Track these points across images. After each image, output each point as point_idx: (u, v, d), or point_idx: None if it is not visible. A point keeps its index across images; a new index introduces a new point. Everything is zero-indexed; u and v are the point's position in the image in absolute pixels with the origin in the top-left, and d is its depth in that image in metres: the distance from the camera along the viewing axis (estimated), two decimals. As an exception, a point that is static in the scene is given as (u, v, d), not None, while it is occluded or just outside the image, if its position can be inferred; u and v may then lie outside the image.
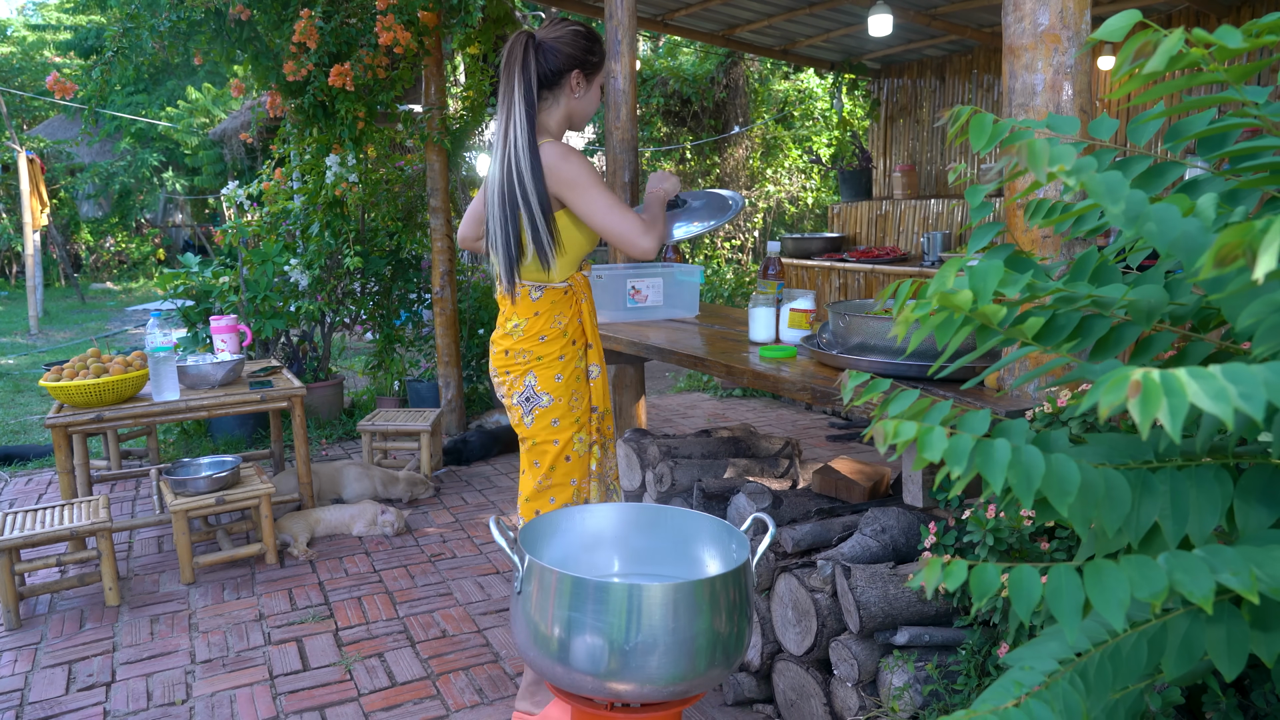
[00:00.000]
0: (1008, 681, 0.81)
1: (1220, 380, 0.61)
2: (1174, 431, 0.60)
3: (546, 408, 2.20)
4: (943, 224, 6.12)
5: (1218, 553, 0.72)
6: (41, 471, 4.74)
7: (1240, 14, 5.03)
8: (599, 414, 2.31)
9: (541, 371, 2.19)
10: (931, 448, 0.78)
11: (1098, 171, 0.83)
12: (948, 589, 0.78)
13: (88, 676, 2.62)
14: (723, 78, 9.25)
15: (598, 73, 2.14)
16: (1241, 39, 0.80)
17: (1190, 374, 0.61)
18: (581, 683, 1.46)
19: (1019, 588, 0.76)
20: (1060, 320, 0.93)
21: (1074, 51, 1.81)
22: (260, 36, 4.42)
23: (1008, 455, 0.77)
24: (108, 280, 15.10)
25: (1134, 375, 0.62)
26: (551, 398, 2.19)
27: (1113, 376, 0.63)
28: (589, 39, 2.11)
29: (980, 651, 1.83)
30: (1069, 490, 0.77)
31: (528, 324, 2.18)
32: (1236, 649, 0.79)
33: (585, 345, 2.27)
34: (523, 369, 2.19)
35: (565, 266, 2.17)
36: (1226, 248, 0.65)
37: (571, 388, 2.21)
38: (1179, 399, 0.60)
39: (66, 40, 18.11)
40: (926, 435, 0.79)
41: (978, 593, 0.78)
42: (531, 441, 2.24)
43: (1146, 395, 0.61)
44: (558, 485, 2.24)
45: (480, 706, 2.42)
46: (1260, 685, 1.30)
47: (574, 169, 2.05)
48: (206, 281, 4.97)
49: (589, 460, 2.29)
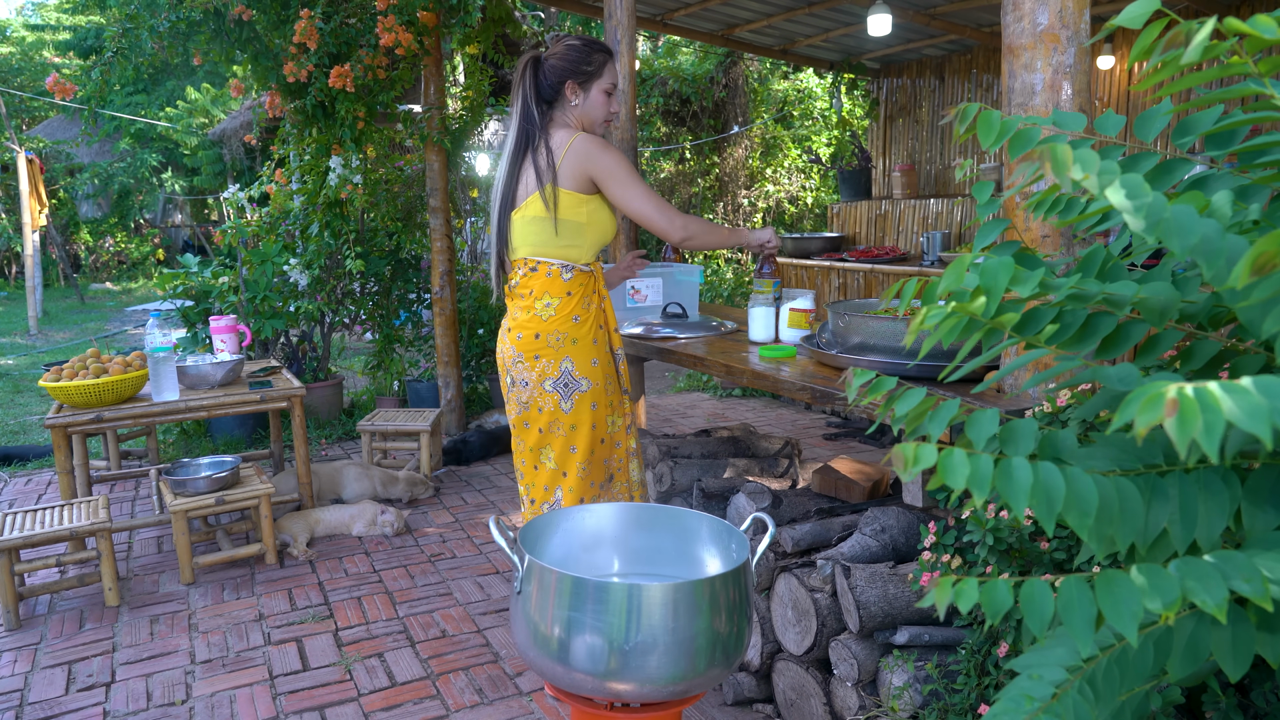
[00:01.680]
0: (1017, 694, 0.80)
1: (1256, 396, 0.60)
2: (1211, 451, 0.58)
3: (586, 392, 2.29)
4: (942, 223, 6.12)
5: (1229, 559, 0.71)
6: (41, 472, 4.74)
7: (1240, 13, 5.03)
8: (627, 396, 2.43)
9: (578, 356, 2.28)
10: (953, 475, 0.76)
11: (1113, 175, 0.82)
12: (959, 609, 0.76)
13: (87, 677, 2.61)
14: (722, 77, 9.24)
15: (593, 80, 2.30)
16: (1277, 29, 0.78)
17: (1224, 389, 0.60)
18: (581, 683, 1.45)
19: (1031, 604, 0.75)
20: (1067, 318, 0.93)
21: (1073, 51, 1.81)
22: (260, 37, 4.42)
23: (1029, 479, 0.76)
24: (107, 280, 15.10)
25: (1169, 393, 0.60)
26: (591, 382, 2.30)
27: (1147, 393, 0.61)
28: (581, 52, 2.28)
29: (980, 651, 1.83)
30: (1088, 511, 0.76)
31: (560, 303, 2.27)
32: (1242, 651, 0.78)
33: (611, 329, 2.39)
34: (556, 353, 2.26)
35: (589, 247, 2.31)
36: (1264, 256, 0.64)
37: (606, 371, 2.33)
38: (1215, 416, 0.59)
39: (66, 40, 18.10)
40: (947, 463, 0.77)
41: (990, 611, 0.76)
42: (570, 426, 2.30)
43: (1183, 415, 0.59)
44: (582, 469, 2.33)
45: (480, 706, 2.42)
46: (1260, 685, 1.30)
47: (610, 161, 2.24)
48: (206, 282, 4.97)
49: (629, 440, 2.44)
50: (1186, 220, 0.77)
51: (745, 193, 9.67)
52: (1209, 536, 0.79)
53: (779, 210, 9.89)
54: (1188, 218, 0.77)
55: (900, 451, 0.78)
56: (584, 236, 2.29)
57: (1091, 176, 0.80)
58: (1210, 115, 0.93)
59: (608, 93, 2.32)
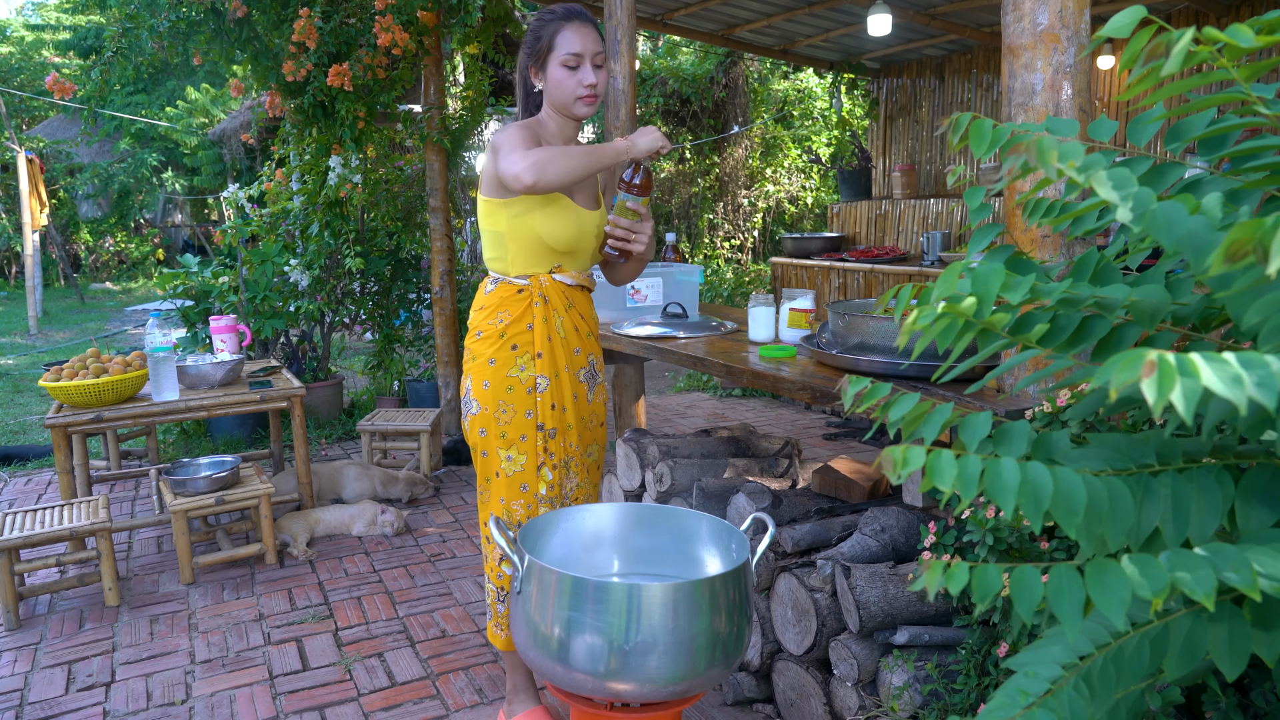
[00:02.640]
0: (1012, 689, 0.81)
1: (1235, 366, 0.60)
2: (1187, 414, 0.59)
3: (475, 415, 2.06)
4: (942, 223, 6.12)
5: (1219, 551, 0.72)
6: (41, 472, 4.74)
7: (1239, 13, 5.03)
8: (546, 432, 2.06)
9: (475, 375, 2.06)
10: (941, 476, 0.77)
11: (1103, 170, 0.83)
12: (950, 592, 0.78)
13: (87, 677, 2.62)
14: (722, 77, 9.24)
15: (547, 57, 2.00)
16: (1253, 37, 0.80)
17: (1204, 358, 0.61)
18: (581, 682, 1.46)
19: (1020, 588, 0.76)
20: (1061, 321, 0.93)
21: (1073, 51, 1.81)
22: (259, 36, 4.42)
23: (1016, 479, 0.77)
24: (107, 280, 15.10)
25: (1149, 355, 0.61)
26: (479, 405, 2.05)
27: (1126, 356, 0.62)
28: (531, 31, 2.04)
29: (980, 651, 1.83)
30: (1076, 510, 0.77)
31: (473, 317, 2.11)
32: (1238, 649, 0.78)
33: (533, 355, 2.05)
34: (467, 368, 2.09)
35: (517, 258, 2.04)
36: (1237, 244, 0.65)
37: (499, 398, 2.03)
38: (1193, 381, 0.60)
39: (65, 40, 18.10)
40: (935, 464, 0.78)
41: (979, 594, 0.78)
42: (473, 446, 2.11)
43: (1161, 375, 0.60)
44: (492, 499, 2.08)
45: (480, 706, 2.42)
46: (1260, 684, 1.30)
47: (499, 137, 1.94)
48: (206, 281, 4.97)
49: (535, 483, 2.06)
50: (1173, 213, 0.78)
51: (745, 193, 9.67)
52: (1202, 535, 0.80)
53: (779, 210, 9.89)
54: (1174, 211, 0.78)
55: (890, 454, 0.79)
56: (505, 247, 2.03)
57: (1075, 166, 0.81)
58: (1202, 120, 0.94)
59: (568, 66, 1.98)
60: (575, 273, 2.11)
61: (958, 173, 1.10)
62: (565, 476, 2.12)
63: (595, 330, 2.21)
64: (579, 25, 1.99)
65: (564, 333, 2.08)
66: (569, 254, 2.08)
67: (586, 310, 2.17)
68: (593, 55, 1.99)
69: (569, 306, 2.10)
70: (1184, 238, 0.77)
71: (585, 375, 2.15)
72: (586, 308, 2.17)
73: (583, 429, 2.15)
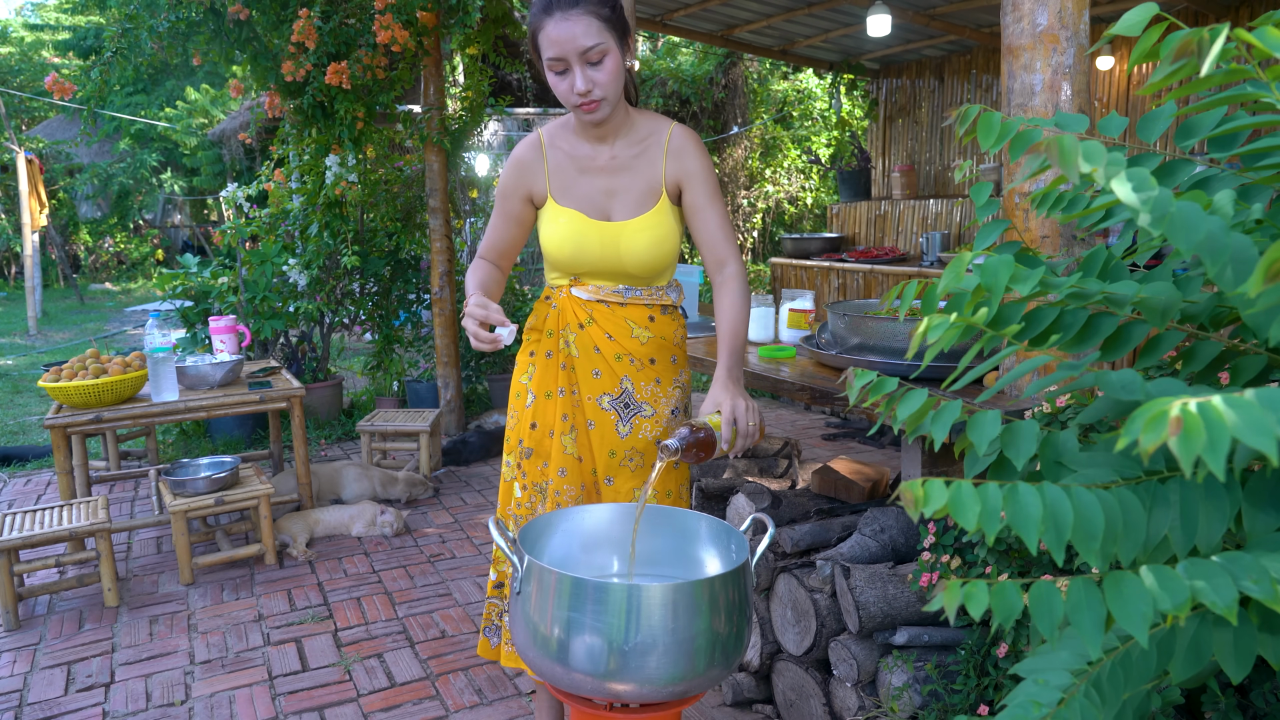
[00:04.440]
0: (1024, 699, 0.80)
1: (1259, 409, 0.59)
2: (1218, 469, 0.58)
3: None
4: (941, 224, 6.12)
5: (1236, 560, 0.71)
6: (40, 472, 4.74)
7: (1239, 14, 5.03)
8: (522, 450, 1.91)
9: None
10: (964, 514, 0.75)
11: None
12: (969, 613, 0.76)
13: (87, 677, 2.61)
14: (721, 78, 9.25)
15: (540, 62, 1.72)
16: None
17: (1228, 403, 0.60)
18: (581, 683, 1.45)
19: (1040, 605, 0.74)
20: (1068, 319, 0.92)
21: (1073, 52, 1.81)
22: (259, 36, 4.42)
23: (1039, 510, 0.75)
24: (106, 281, 15.10)
25: (1172, 412, 0.60)
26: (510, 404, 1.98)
27: (1150, 412, 0.61)
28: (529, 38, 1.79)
29: (979, 651, 1.83)
30: (1095, 534, 0.75)
31: None
32: (1244, 652, 0.78)
33: (527, 369, 1.93)
34: None
35: (546, 267, 1.92)
36: (1276, 264, 0.64)
37: (511, 400, 1.97)
38: (1219, 431, 0.59)
39: (65, 41, 18.10)
40: (956, 500, 0.76)
41: (1001, 615, 0.76)
42: None
43: (1188, 433, 0.59)
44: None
45: (480, 707, 2.42)
46: (1260, 685, 1.30)
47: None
48: (205, 282, 4.97)
49: (511, 490, 1.93)
50: (1192, 216, 0.76)
51: (745, 193, 9.67)
52: (1209, 541, 0.79)
53: (778, 211, 9.89)
54: (1193, 214, 0.76)
55: (908, 490, 0.77)
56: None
57: (1100, 169, 0.79)
58: (1212, 118, 0.93)
59: (554, 71, 1.67)
60: (596, 286, 1.84)
61: (965, 167, 1.09)
62: (540, 501, 1.91)
63: (644, 353, 1.86)
64: (559, 19, 1.61)
65: (577, 351, 1.85)
66: (576, 266, 1.83)
67: (617, 329, 1.84)
68: (581, 53, 1.62)
69: (588, 322, 1.84)
70: (1202, 241, 0.75)
71: (611, 403, 1.85)
72: (616, 325, 1.84)
73: (607, 462, 1.88)
